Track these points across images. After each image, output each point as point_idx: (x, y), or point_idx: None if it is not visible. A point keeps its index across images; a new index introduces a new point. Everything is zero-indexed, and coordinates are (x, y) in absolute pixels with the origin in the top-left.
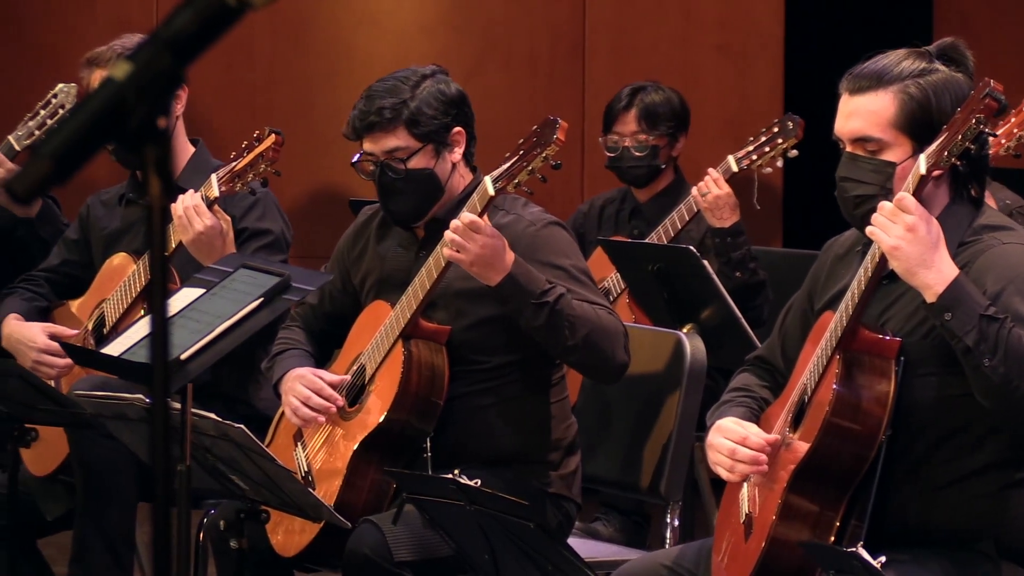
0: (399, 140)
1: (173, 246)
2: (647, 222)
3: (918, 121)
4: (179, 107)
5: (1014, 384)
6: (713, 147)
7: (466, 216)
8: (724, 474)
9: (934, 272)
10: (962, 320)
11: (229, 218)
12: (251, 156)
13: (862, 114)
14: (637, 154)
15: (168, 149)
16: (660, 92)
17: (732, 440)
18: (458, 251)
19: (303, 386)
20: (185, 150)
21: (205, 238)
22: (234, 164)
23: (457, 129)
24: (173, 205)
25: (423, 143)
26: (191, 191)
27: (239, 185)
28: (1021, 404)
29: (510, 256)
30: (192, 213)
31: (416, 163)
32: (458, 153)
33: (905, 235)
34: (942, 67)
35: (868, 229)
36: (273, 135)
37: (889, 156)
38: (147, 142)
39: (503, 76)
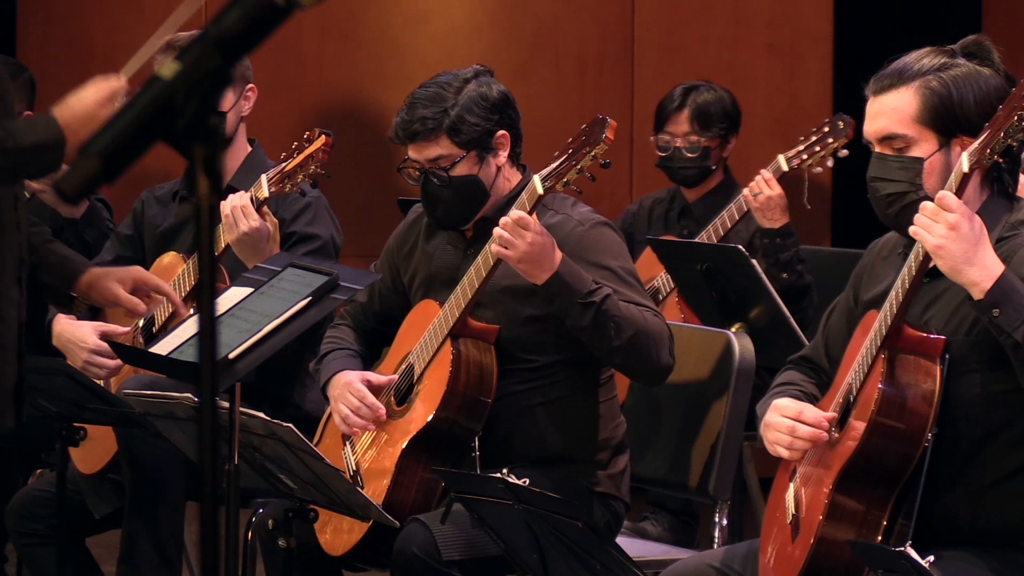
0: (441, 149)
1: (223, 246)
2: (696, 222)
3: (941, 115)
4: (247, 107)
5: None
6: (762, 146)
7: (515, 213)
8: (783, 452)
9: (978, 268)
10: (1010, 315)
11: (276, 221)
12: (301, 157)
13: (886, 112)
14: (689, 155)
15: (217, 148)
16: (712, 92)
17: (788, 417)
18: (506, 248)
19: (351, 395)
20: (243, 150)
21: (249, 239)
22: (284, 165)
23: (501, 133)
24: (222, 204)
25: (466, 150)
26: (241, 192)
27: (288, 186)
28: None
29: (558, 255)
30: (239, 213)
31: (460, 170)
32: (503, 156)
33: (948, 233)
34: (965, 62)
35: (911, 229)
36: (323, 136)
37: (916, 152)
38: (196, 141)
39: (552, 75)
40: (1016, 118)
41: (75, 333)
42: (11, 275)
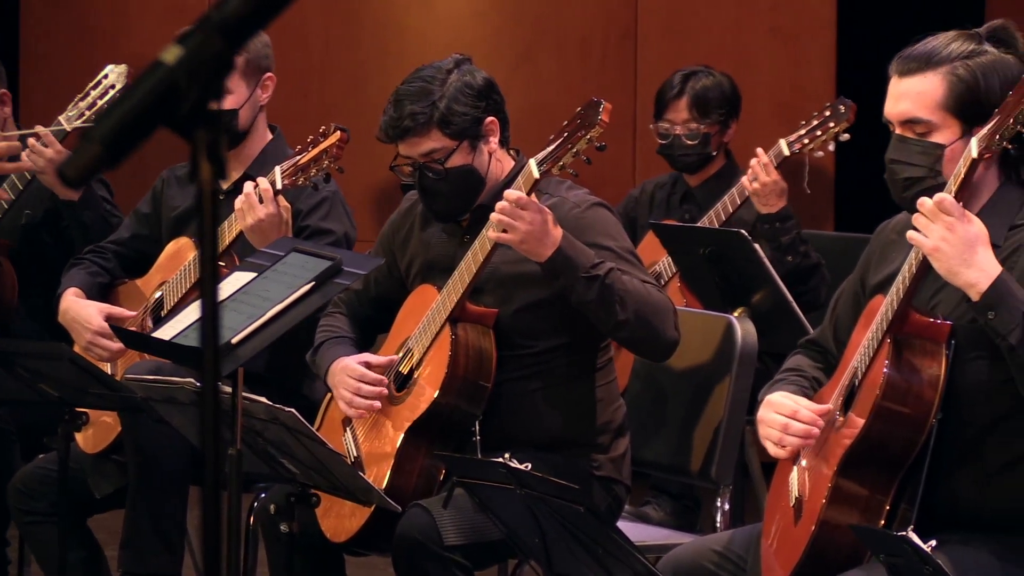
0: (434, 142)
1: (235, 235)
2: (698, 206)
3: (966, 103)
4: (265, 97)
5: None
6: (766, 131)
7: (512, 193)
8: (773, 449)
9: (975, 271)
10: (1005, 319)
11: (289, 207)
12: (315, 151)
13: (911, 96)
14: (688, 142)
15: (220, 133)
16: (711, 77)
17: (783, 414)
18: (505, 231)
19: (349, 377)
20: (263, 138)
21: (262, 226)
22: (298, 158)
23: (490, 119)
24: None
25: (458, 141)
26: (262, 179)
27: (302, 179)
28: None
29: (558, 231)
30: (254, 199)
31: (454, 161)
32: (494, 142)
33: (945, 235)
34: (991, 49)
35: (908, 234)
36: (339, 132)
37: (938, 138)
38: (198, 126)
39: (555, 60)
40: None
41: (80, 313)
42: None
